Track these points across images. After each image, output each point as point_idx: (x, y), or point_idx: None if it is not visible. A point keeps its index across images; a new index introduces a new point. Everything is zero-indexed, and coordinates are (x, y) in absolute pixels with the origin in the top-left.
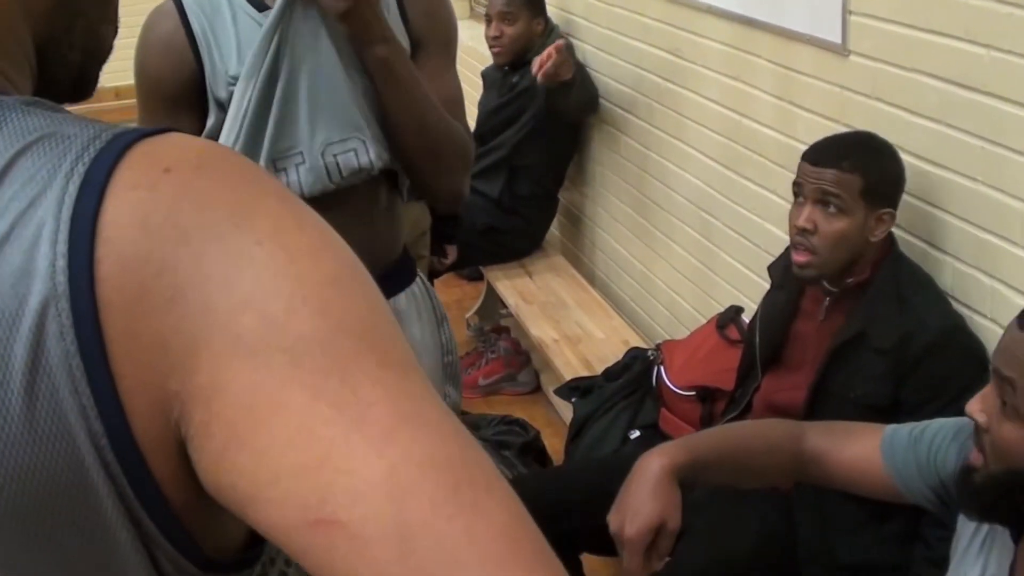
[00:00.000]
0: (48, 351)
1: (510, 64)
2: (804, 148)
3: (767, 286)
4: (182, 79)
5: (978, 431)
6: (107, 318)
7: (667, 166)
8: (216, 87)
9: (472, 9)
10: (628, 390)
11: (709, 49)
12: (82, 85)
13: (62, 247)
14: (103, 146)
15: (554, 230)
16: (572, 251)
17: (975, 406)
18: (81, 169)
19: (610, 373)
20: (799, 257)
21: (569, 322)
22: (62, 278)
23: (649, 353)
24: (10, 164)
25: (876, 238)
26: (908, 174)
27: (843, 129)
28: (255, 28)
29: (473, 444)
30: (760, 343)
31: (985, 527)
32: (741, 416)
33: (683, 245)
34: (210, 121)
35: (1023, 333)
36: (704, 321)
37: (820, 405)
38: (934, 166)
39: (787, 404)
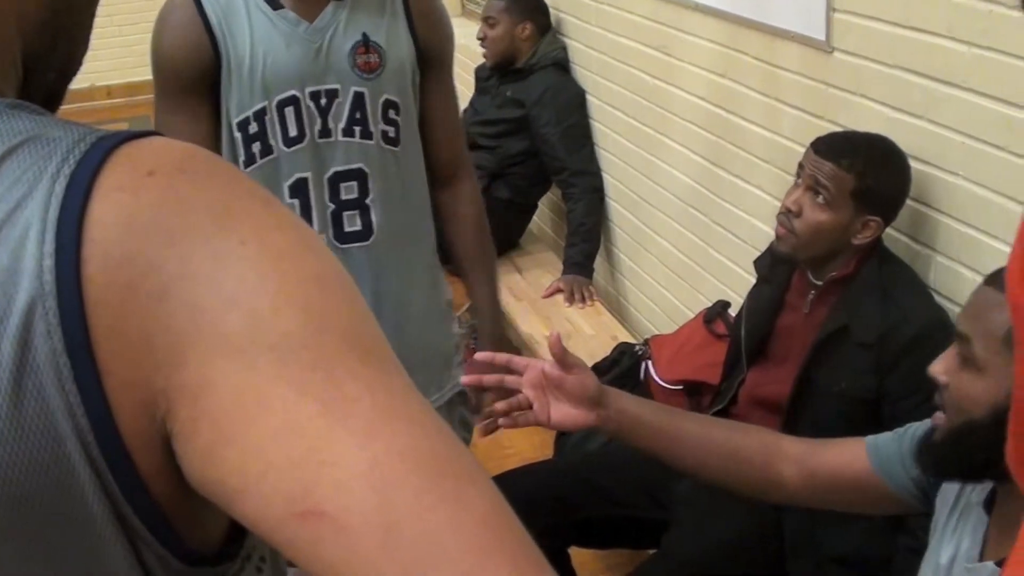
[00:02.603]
0: (35, 349)
1: (498, 68)
2: (791, 145)
3: (754, 281)
4: (200, 68)
5: (940, 393)
6: (94, 317)
7: (655, 163)
8: (229, 79)
9: (464, 7)
10: (617, 385)
11: (697, 47)
12: (51, 102)
13: (49, 247)
14: (88, 149)
15: (543, 226)
16: (561, 247)
17: (937, 367)
18: (67, 171)
19: (599, 368)
20: (779, 230)
21: (559, 318)
22: (49, 277)
23: (637, 348)
24: None
25: (859, 241)
26: None
27: (828, 125)
28: (269, 26)
29: (453, 438)
30: (745, 336)
31: (960, 504)
32: (727, 409)
33: (671, 241)
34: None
35: (987, 287)
36: (692, 316)
37: (805, 398)
38: (917, 162)
39: (772, 397)
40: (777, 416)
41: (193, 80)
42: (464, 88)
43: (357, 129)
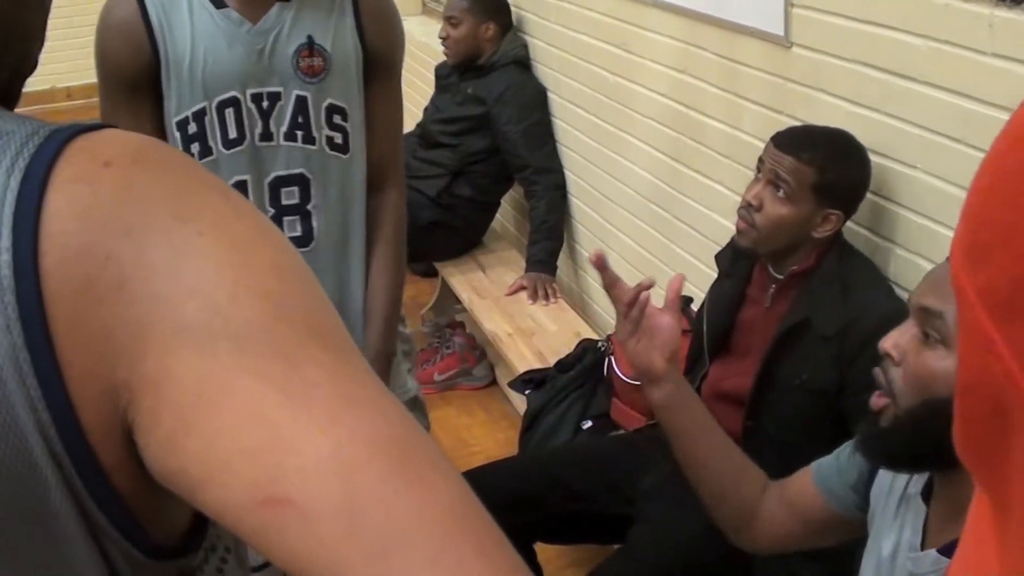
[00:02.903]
0: None
1: (460, 66)
2: (750, 140)
3: (715, 276)
4: (140, 65)
5: (887, 371)
6: (53, 310)
7: (617, 160)
8: (168, 77)
9: (424, 4)
10: (580, 381)
11: (656, 43)
12: (7, 100)
13: (6, 242)
14: (42, 142)
15: (506, 223)
16: (524, 245)
17: (889, 341)
18: (22, 164)
19: (562, 365)
20: (740, 224)
21: (522, 315)
22: (7, 272)
23: (600, 344)
24: None
25: (819, 235)
26: None
27: (788, 120)
28: (211, 25)
29: (416, 425)
30: (707, 331)
31: (896, 495)
32: None
33: (632, 236)
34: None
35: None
36: None
37: (767, 391)
38: (875, 155)
39: (734, 390)
40: (739, 409)
41: (134, 78)
42: (425, 86)
43: (299, 134)
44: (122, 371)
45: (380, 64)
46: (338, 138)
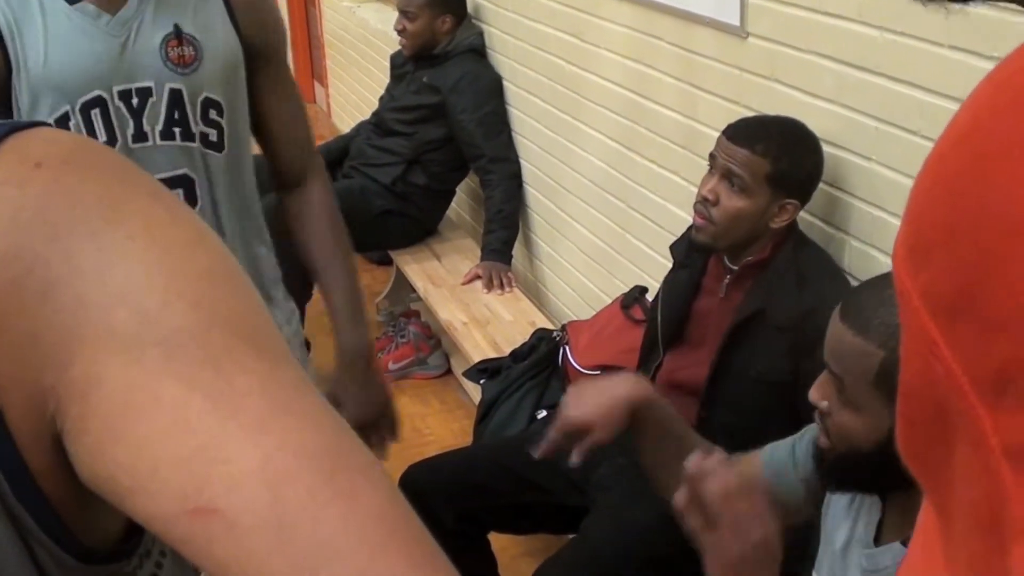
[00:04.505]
0: None
1: (415, 57)
2: (706, 130)
3: (670, 266)
4: None
5: (821, 416)
6: None
7: (572, 149)
8: (21, 83)
9: None
10: (535, 371)
11: (612, 32)
12: None
13: None
14: None
15: (462, 212)
16: (479, 234)
17: (815, 394)
18: None
19: (517, 354)
20: (697, 219)
21: (478, 304)
22: None
23: (555, 334)
24: None
25: (777, 225)
26: None
27: (744, 111)
28: (65, 22)
29: (347, 431)
30: (662, 321)
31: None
32: None
33: (588, 226)
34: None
35: (843, 325)
36: (609, 302)
37: (722, 382)
38: (830, 146)
39: (689, 381)
40: (694, 400)
41: None
42: (381, 74)
43: (177, 131)
44: (49, 377)
45: (259, 52)
46: (212, 135)
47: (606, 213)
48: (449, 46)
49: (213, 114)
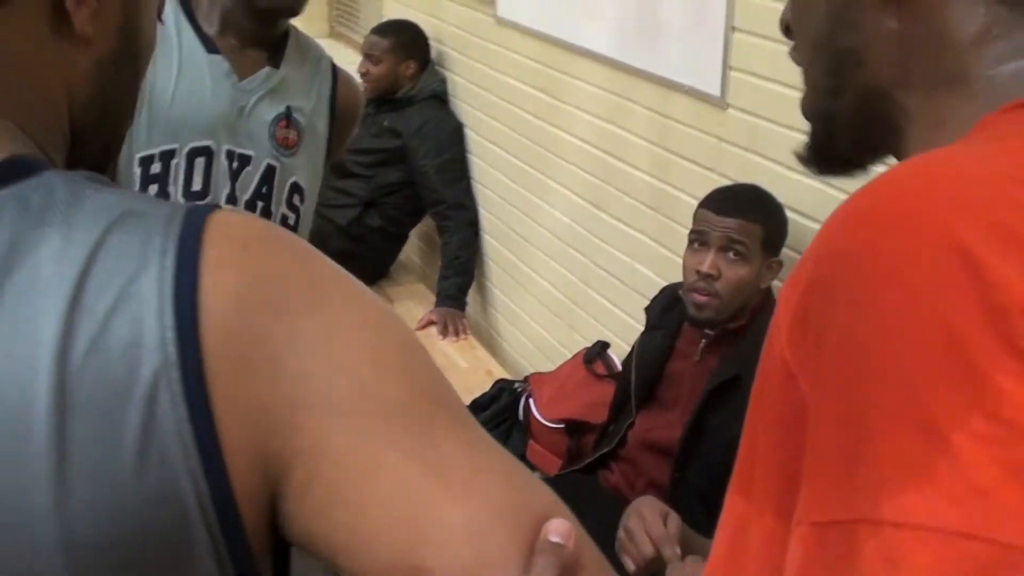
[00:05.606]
0: (159, 418)
1: (378, 100)
2: (679, 194)
3: (633, 323)
4: None
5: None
6: (213, 386)
7: (535, 201)
8: (143, 105)
9: (332, 28)
10: (496, 421)
11: (585, 92)
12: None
13: (169, 320)
14: (182, 224)
15: (414, 257)
16: (433, 279)
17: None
18: (172, 248)
19: (478, 404)
20: (700, 298)
21: (433, 350)
22: (172, 350)
23: (517, 385)
24: (102, 240)
25: (764, 284)
26: None
27: (719, 179)
28: (201, 66)
29: (533, 480)
30: (636, 382)
31: None
32: (614, 451)
33: (549, 279)
34: None
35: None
36: (568, 355)
37: (696, 444)
38: (805, 217)
39: (663, 441)
40: (666, 459)
41: None
42: None
43: (260, 204)
44: (276, 444)
45: (340, 132)
46: (292, 219)
47: (568, 267)
48: (412, 91)
49: (296, 199)
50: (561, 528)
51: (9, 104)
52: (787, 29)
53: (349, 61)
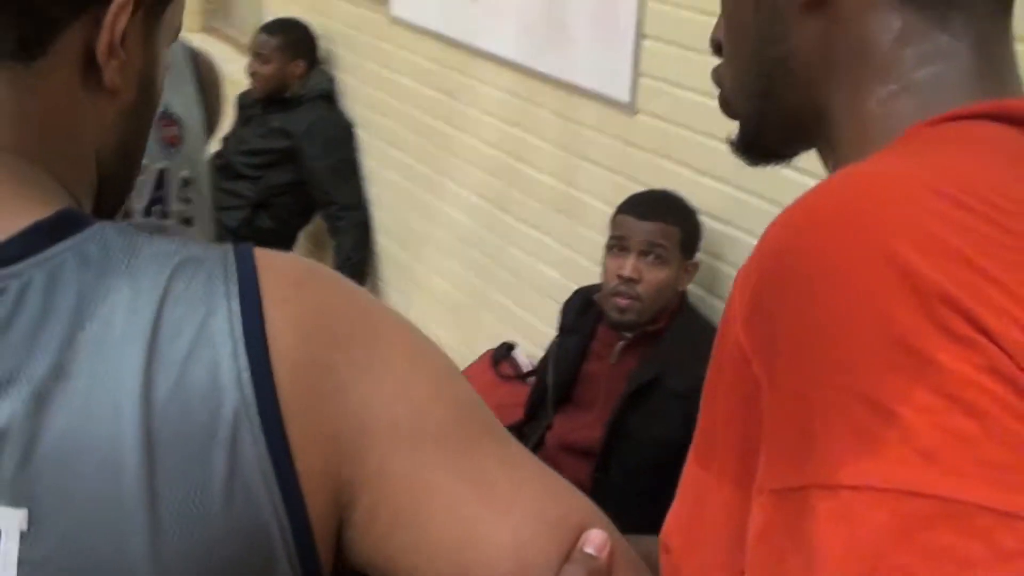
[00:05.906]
0: (243, 455)
1: (266, 100)
2: (585, 197)
3: (538, 324)
4: None
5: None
6: (288, 419)
7: (432, 202)
8: None
9: (204, 24)
10: None
11: (487, 95)
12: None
13: (243, 361)
14: (236, 267)
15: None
16: None
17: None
18: (234, 290)
19: None
20: (622, 302)
21: None
22: (249, 390)
23: None
24: (169, 287)
25: (682, 287)
26: None
27: (628, 183)
28: None
29: (571, 489)
30: (553, 385)
31: None
32: (533, 452)
33: (449, 280)
34: None
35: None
36: (472, 357)
37: (617, 444)
38: (717, 221)
39: (582, 442)
40: (586, 460)
41: None
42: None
43: (157, 208)
44: (347, 471)
45: (215, 118)
46: (187, 211)
47: (470, 268)
48: (301, 91)
49: (187, 191)
50: (597, 539)
51: (47, 156)
52: (718, 47)
53: (223, 57)
